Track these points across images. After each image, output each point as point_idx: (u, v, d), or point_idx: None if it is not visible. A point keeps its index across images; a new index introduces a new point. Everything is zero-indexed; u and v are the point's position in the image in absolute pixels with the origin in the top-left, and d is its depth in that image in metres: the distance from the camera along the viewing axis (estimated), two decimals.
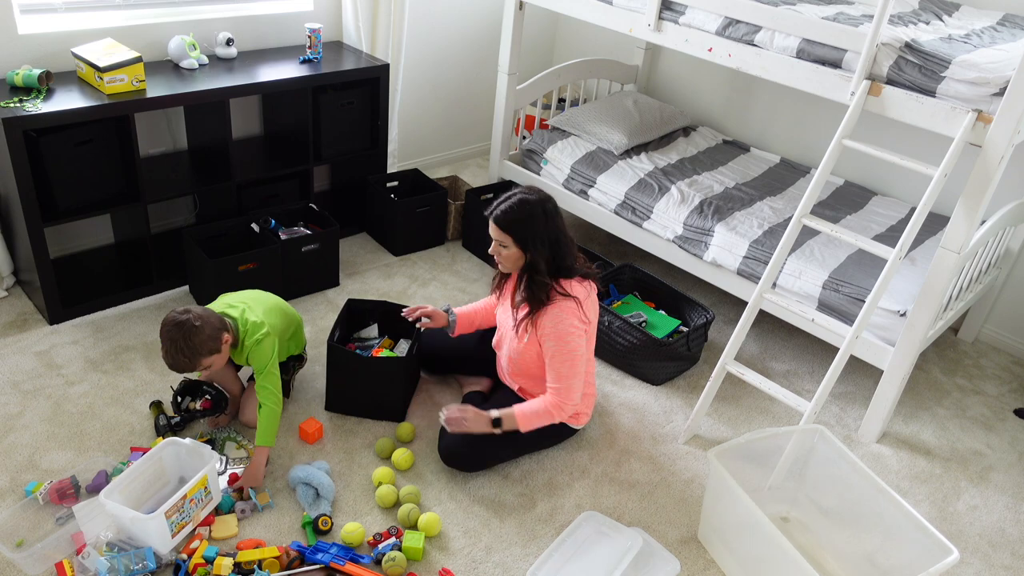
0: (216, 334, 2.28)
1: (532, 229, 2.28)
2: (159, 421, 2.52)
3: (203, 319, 2.26)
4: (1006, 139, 2.31)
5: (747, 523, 2.13)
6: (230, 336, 2.34)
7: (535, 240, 2.29)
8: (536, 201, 2.30)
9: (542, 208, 2.30)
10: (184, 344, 2.22)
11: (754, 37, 2.80)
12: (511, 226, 2.29)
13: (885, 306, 2.73)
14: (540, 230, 2.29)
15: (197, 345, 2.23)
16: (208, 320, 2.28)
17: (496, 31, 4.33)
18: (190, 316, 2.24)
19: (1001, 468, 2.83)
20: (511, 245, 2.31)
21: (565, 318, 2.31)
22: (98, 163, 2.87)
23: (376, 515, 2.34)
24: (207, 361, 2.28)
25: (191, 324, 2.23)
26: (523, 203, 2.29)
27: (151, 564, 2.04)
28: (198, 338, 2.23)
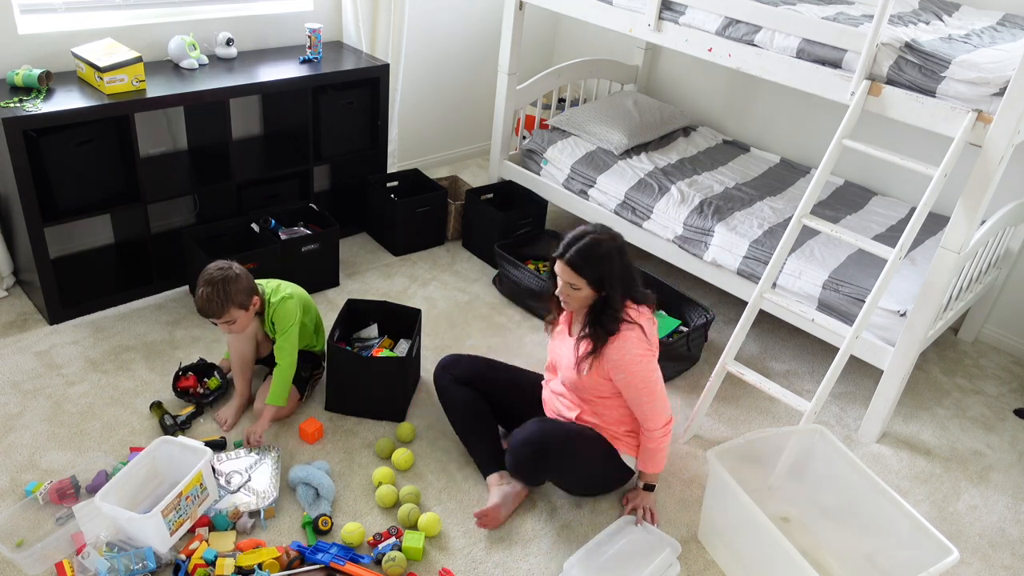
0: (250, 292, 2.45)
1: (608, 269, 2.20)
2: (164, 421, 2.52)
3: (243, 274, 2.45)
4: (1006, 139, 2.31)
5: (747, 523, 2.13)
6: (259, 301, 2.51)
7: (611, 280, 2.21)
8: (608, 240, 2.23)
9: (617, 248, 2.23)
10: (222, 287, 2.37)
11: (754, 37, 2.80)
12: (586, 268, 2.19)
13: (885, 306, 2.73)
14: (616, 270, 2.21)
15: (232, 293, 2.38)
16: (247, 277, 2.46)
17: (496, 31, 4.33)
18: (231, 267, 2.43)
19: (1001, 468, 2.83)
20: (585, 287, 2.21)
21: (630, 348, 2.22)
22: (98, 163, 2.87)
23: (376, 515, 2.34)
24: (235, 313, 2.42)
25: (233, 272, 2.41)
26: (597, 244, 2.20)
27: (151, 564, 2.04)
28: (235, 286, 2.39)
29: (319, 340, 2.80)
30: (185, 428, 2.53)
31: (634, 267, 2.29)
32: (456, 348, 3.08)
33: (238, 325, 2.46)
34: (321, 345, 2.80)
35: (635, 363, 2.23)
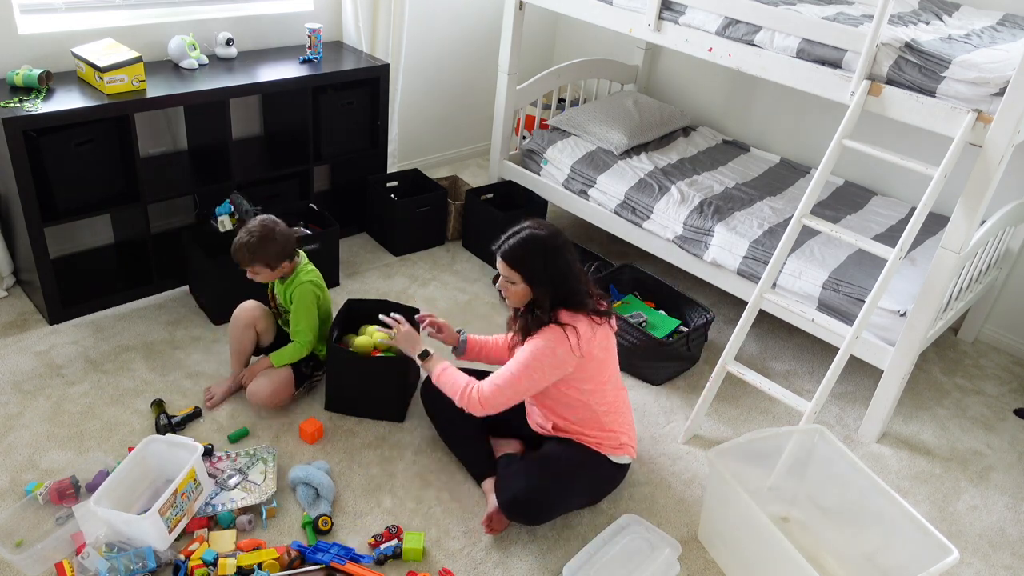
0: (281, 256, 2.54)
1: (540, 265, 2.17)
2: (160, 421, 2.52)
3: (285, 239, 2.53)
4: (1006, 139, 2.31)
5: (747, 523, 2.13)
6: (287, 265, 2.58)
7: (543, 277, 2.17)
8: (546, 236, 2.19)
9: (553, 243, 2.19)
10: (257, 241, 2.48)
11: (754, 37, 2.80)
12: (520, 263, 2.18)
13: (885, 306, 2.73)
14: (548, 266, 2.17)
15: (264, 250, 2.49)
16: (285, 240, 2.54)
17: (496, 31, 4.33)
18: (277, 228, 2.52)
19: (1001, 468, 2.83)
20: (519, 282, 2.19)
21: (549, 341, 2.16)
22: (98, 163, 2.87)
23: (376, 514, 2.34)
24: (260, 269, 2.53)
25: (274, 231, 2.51)
26: (532, 239, 2.18)
27: (151, 564, 2.04)
28: (270, 246, 2.49)
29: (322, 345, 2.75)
30: (179, 429, 2.53)
31: (576, 270, 2.22)
32: None
33: (262, 277, 2.57)
34: (323, 350, 2.75)
35: (539, 351, 2.17)
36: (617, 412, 2.35)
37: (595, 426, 2.33)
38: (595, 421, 2.32)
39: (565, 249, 2.20)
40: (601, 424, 2.32)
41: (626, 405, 2.42)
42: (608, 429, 2.33)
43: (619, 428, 2.35)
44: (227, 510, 2.25)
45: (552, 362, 2.18)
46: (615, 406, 2.35)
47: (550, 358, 2.17)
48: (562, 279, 2.19)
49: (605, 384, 2.30)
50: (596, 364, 2.24)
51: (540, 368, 2.18)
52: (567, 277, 2.19)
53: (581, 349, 2.17)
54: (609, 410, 2.32)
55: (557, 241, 2.20)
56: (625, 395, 2.43)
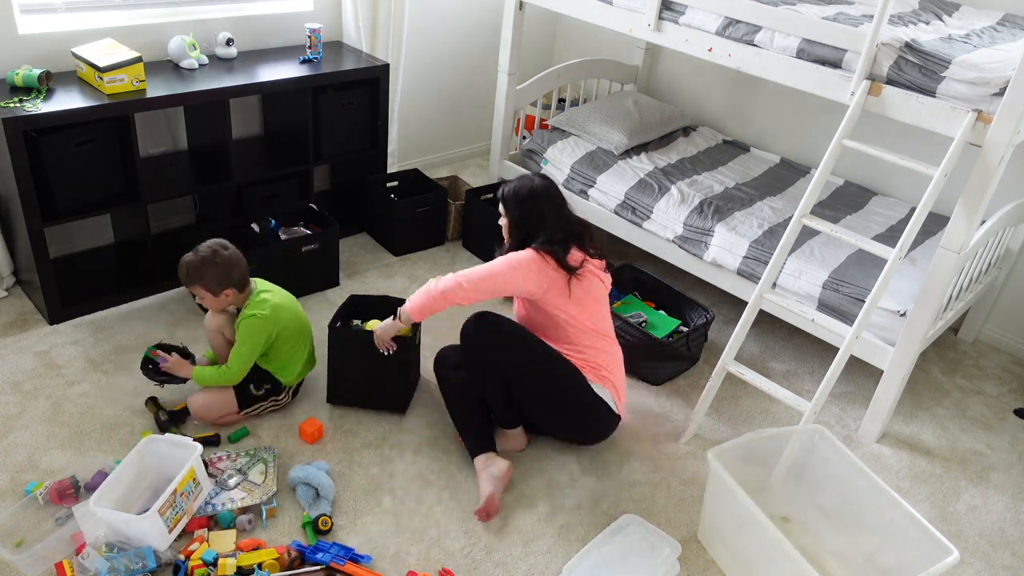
0: (223, 281, 2.44)
1: (520, 207, 2.45)
2: (160, 417, 2.52)
3: (227, 263, 2.43)
4: (1006, 139, 2.31)
5: (747, 523, 2.13)
6: (232, 293, 2.48)
7: (520, 217, 2.45)
8: (534, 185, 2.47)
9: (536, 192, 2.45)
10: (199, 263, 2.43)
11: (754, 37, 2.80)
12: (506, 202, 2.48)
13: (885, 306, 2.73)
14: (527, 210, 2.44)
15: (202, 273, 2.42)
16: (234, 270, 2.45)
17: (496, 31, 4.33)
18: (227, 255, 2.44)
19: (1001, 468, 2.83)
20: (503, 216, 2.49)
21: (518, 254, 2.40)
22: (98, 163, 2.87)
23: (376, 514, 2.34)
24: (199, 291, 2.47)
25: (214, 256, 2.42)
26: (523, 184, 2.48)
27: (151, 563, 2.04)
28: (210, 269, 2.42)
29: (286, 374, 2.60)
30: (180, 423, 2.53)
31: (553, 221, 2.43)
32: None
33: (207, 302, 2.52)
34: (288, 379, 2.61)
35: (516, 258, 2.39)
36: (601, 352, 2.48)
37: (575, 348, 2.45)
38: (576, 342, 2.45)
39: (546, 200, 2.46)
40: (582, 348, 2.45)
41: (614, 358, 2.53)
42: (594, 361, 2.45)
43: (602, 363, 2.47)
44: (227, 510, 2.25)
45: (514, 269, 2.38)
46: (599, 349, 2.47)
47: (524, 263, 2.38)
48: (534, 224, 2.44)
49: (584, 322, 2.44)
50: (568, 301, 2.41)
51: (510, 268, 2.38)
52: (539, 225, 2.43)
53: (547, 275, 2.37)
54: (592, 347, 2.46)
55: (541, 192, 2.46)
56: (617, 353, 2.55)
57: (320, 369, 2.86)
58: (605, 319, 2.53)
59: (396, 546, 2.25)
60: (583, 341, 2.46)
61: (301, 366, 2.64)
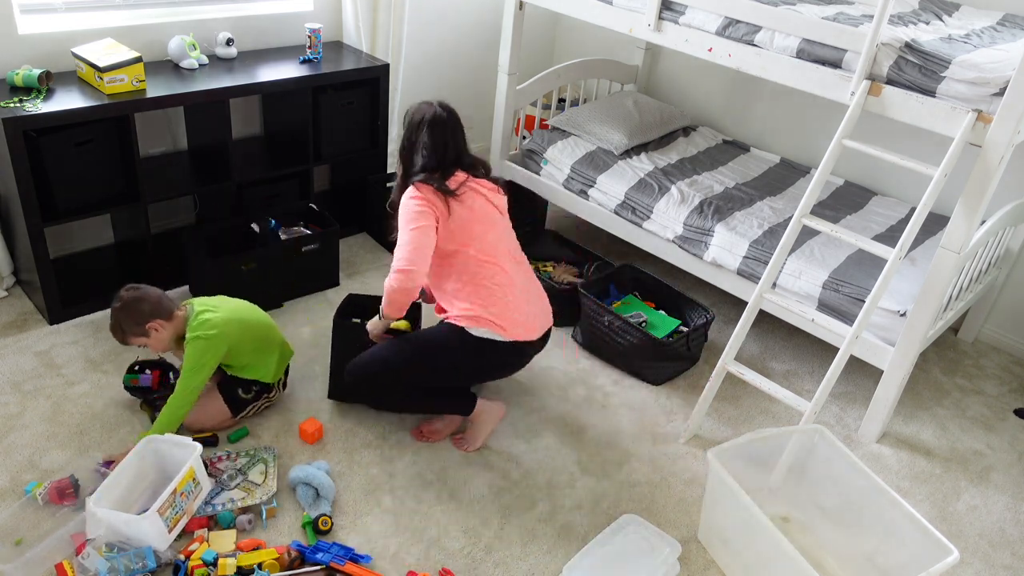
0: (142, 319, 2.38)
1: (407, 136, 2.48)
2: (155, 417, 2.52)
3: (137, 301, 2.38)
4: (1006, 139, 2.31)
5: (747, 523, 2.13)
6: (161, 324, 2.40)
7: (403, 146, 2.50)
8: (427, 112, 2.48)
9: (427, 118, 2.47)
10: (112, 318, 2.40)
11: (754, 37, 2.80)
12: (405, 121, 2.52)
13: (885, 306, 2.73)
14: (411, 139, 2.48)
15: (122, 321, 2.39)
16: (142, 304, 2.38)
17: (496, 31, 4.33)
18: (128, 295, 2.39)
19: (1001, 468, 2.83)
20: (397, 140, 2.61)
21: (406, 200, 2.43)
22: (98, 163, 2.87)
23: (376, 514, 2.34)
24: (136, 340, 2.42)
25: (124, 303, 2.38)
26: (418, 108, 2.50)
27: (151, 563, 2.04)
28: (124, 315, 2.38)
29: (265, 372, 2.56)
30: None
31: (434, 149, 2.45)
32: None
33: (152, 347, 2.44)
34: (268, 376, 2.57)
35: (403, 207, 2.42)
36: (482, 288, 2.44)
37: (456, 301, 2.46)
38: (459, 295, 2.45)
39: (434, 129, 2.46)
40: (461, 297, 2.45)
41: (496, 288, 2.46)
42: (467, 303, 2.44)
43: (479, 302, 2.43)
44: (227, 510, 2.25)
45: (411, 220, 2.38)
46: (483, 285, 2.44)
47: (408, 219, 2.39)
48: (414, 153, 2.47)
49: (470, 251, 2.43)
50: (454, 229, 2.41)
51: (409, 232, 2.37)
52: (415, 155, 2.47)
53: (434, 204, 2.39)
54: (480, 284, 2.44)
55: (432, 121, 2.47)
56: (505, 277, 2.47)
57: (319, 371, 2.86)
58: (498, 242, 2.51)
59: (396, 546, 2.25)
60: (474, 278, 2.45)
61: (275, 361, 2.59)
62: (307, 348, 2.99)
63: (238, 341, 2.46)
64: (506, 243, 2.55)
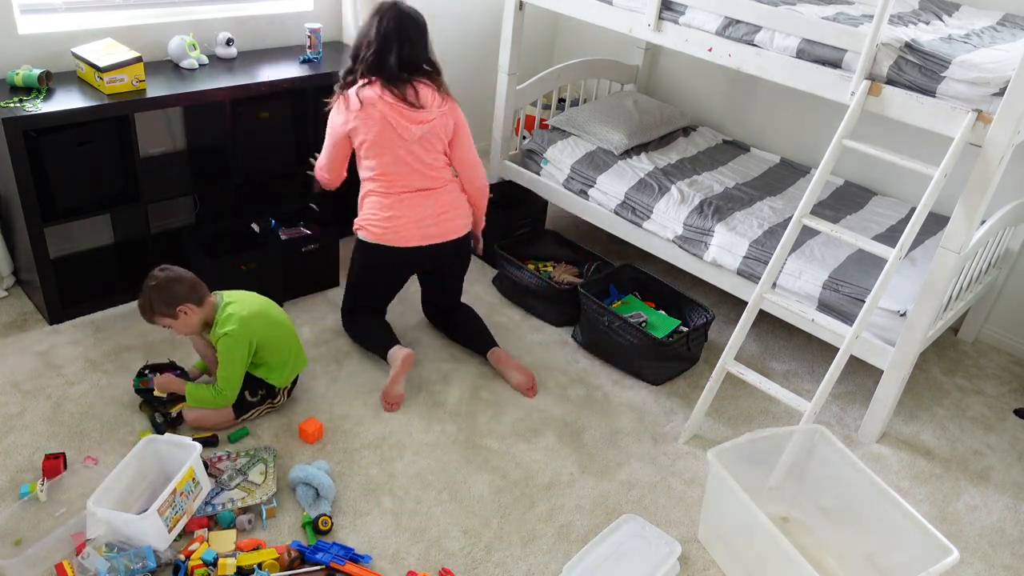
0: (172, 301, 2.41)
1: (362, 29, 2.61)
2: (156, 419, 2.53)
3: (172, 283, 2.42)
4: (1006, 139, 2.31)
5: (747, 523, 2.13)
6: (190, 310, 2.44)
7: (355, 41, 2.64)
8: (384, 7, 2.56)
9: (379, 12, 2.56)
10: (144, 296, 2.42)
11: (754, 37, 2.80)
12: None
13: (885, 306, 2.73)
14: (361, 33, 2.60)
15: (154, 301, 2.41)
16: (177, 286, 2.42)
17: (496, 31, 4.32)
18: (164, 276, 2.43)
19: (1001, 468, 2.83)
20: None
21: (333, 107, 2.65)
22: (98, 163, 2.87)
23: (376, 514, 2.34)
24: (162, 321, 2.44)
25: (159, 282, 2.41)
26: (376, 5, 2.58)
27: (151, 563, 2.04)
28: (155, 295, 2.41)
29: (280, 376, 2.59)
30: (177, 424, 2.53)
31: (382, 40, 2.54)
32: (456, 347, 3.08)
33: (177, 330, 2.48)
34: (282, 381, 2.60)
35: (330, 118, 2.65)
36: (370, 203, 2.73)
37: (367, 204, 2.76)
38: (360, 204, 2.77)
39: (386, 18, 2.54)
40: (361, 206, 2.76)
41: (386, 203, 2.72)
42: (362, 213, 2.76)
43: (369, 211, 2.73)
44: (227, 510, 2.25)
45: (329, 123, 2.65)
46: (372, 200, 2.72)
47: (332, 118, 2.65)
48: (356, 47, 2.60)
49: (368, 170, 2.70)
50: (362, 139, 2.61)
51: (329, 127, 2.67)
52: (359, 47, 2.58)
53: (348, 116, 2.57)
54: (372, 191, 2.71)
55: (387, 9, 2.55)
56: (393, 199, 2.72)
57: (319, 370, 2.86)
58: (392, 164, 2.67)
59: (396, 546, 2.25)
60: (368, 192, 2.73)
61: (290, 366, 2.61)
62: (307, 348, 2.98)
63: (260, 339, 2.51)
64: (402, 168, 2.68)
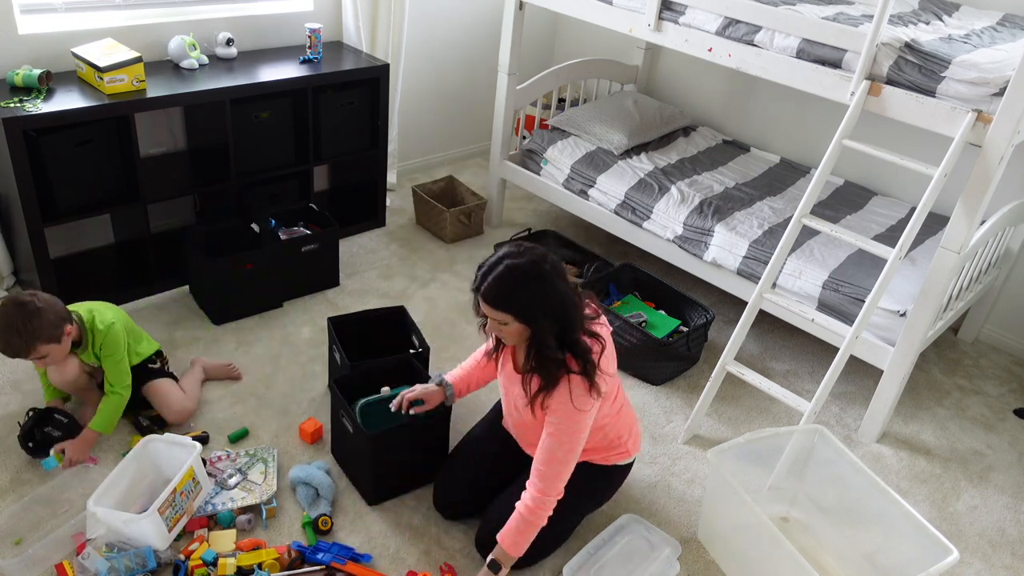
0: (58, 322, 2.21)
1: (532, 299, 1.89)
2: (141, 422, 2.53)
3: (48, 305, 2.20)
4: (1006, 139, 2.31)
5: (747, 523, 2.13)
6: (73, 329, 2.28)
7: (538, 311, 1.89)
8: (528, 265, 1.88)
9: (537, 271, 1.88)
10: (23, 326, 2.14)
11: (754, 37, 2.80)
12: (508, 302, 1.89)
13: (885, 306, 2.73)
14: (542, 298, 1.89)
15: (36, 329, 2.16)
16: (53, 307, 2.22)
17: (496, 31, 4.33)
18: (34, 299, 2.19)
19: (1001, 468, 2.83)
20: (512, 322, 1.91)
21: (579, 395, 1.95)
22: (98, 163, 2.87)
23: (376, 514, 2.34)
24: (44, 349, 2.20)
25: (34, 306, 2.16)
26: (512, 271, 1.88)
27: (151, 563, 2.04)
28: (38, 321, 2.16)
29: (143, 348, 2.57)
30: (163, 426, 2.53)
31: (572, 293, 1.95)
32: (455, 348, 3.08)
33: (52, 358, 2.27)
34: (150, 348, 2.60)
35: (576, 414, 1.97)
36: (619, 415, 2.21)
37: (603, 445, 2.21)
38: (603, 440, 2.19)
39: (555, 272, 1.92)
40: (609, 441, 2.20)
41: (629, 404, 2.30)
42: (615, 442, 2.22)
43: (625, 433, 2.23)
44: (227, 510, 2.25)
45: (590, 414, 2.00)
46: (623, 410, 2.22)
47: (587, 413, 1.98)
48: (562, 308, 1.91)
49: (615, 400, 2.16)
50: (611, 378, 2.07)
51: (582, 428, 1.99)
52: (566, 305, 1.92)
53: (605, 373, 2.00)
54: (615, 421, 2.18)
55: (543, 267, 1.89)
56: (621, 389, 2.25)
57: (320, 370, 2.86)
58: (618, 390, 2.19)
59: (396, 546, 2.25)
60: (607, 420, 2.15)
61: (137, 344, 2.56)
62: (306, 348, 2.99)
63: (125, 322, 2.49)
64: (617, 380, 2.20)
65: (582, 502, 2.27)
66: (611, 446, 2.23)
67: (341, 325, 2.71)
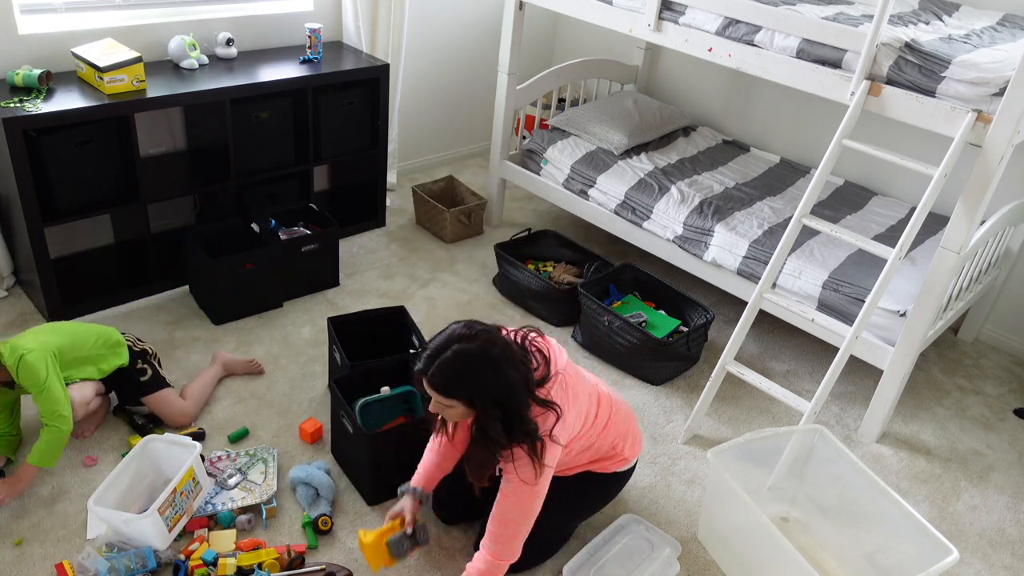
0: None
1: (479, 387, 1.80)
2: (136, 421, 2.53)
3: None
4: (1006, 139, 2.31)
5: (747, 523, 2.13)
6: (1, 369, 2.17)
7: (486, 398, 1.81)
8: (477, 351, 1.79)
9: (486, 358, 1.79)
10: None
11: (754, 37, 2.80)
12: (455, 389, 1.80)
13: (885, 306, 2.73)
14: (489, 386, 1.80)
15: None
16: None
17: (496, 31, 4.33)
18: None
19: (1001, 468, 2.83)
20: (458, 405, 1.83)
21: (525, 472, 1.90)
22: (98, 163, 2.87)
23: (376, 515, 2.34)
24: None
25: None
26: (461, 356, 1.78)
27: (151, 563, 2.04)
28: None
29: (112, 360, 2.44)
30: (159, 424, 2.53)
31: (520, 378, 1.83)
32: None
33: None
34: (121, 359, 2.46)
35: (520, 487, 1.92)
36: (610, 428, 2.15)
37: (597, 458, 2.18)
38: (596, 454, 2.17)
39: (505, 357, 1.81)
40: (603, 454, 2.18)
41: (622, 412, 2.22)
42: (609, 453, 2.19)
43: (619, 441, 2.19)
44: (227, 510, 2.25)
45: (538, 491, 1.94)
46: (610, 423, 2.15)
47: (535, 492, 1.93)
48: (510, 395, 1.82)
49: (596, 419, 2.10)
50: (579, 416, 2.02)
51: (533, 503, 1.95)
52: (515, 390, 1.82)
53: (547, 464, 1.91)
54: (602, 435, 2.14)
55: (493, 351, 1.80)
56: (617, 402, 2.21)
57: (320, 370, 2.86)
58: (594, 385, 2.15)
59: None
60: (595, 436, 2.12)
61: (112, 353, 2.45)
62: (306, 348, 2.99)
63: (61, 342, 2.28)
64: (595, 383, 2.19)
65: (582, 509, 2.29)
66: (605, 457, 2.20)
67: (341, 325, 2.71)
